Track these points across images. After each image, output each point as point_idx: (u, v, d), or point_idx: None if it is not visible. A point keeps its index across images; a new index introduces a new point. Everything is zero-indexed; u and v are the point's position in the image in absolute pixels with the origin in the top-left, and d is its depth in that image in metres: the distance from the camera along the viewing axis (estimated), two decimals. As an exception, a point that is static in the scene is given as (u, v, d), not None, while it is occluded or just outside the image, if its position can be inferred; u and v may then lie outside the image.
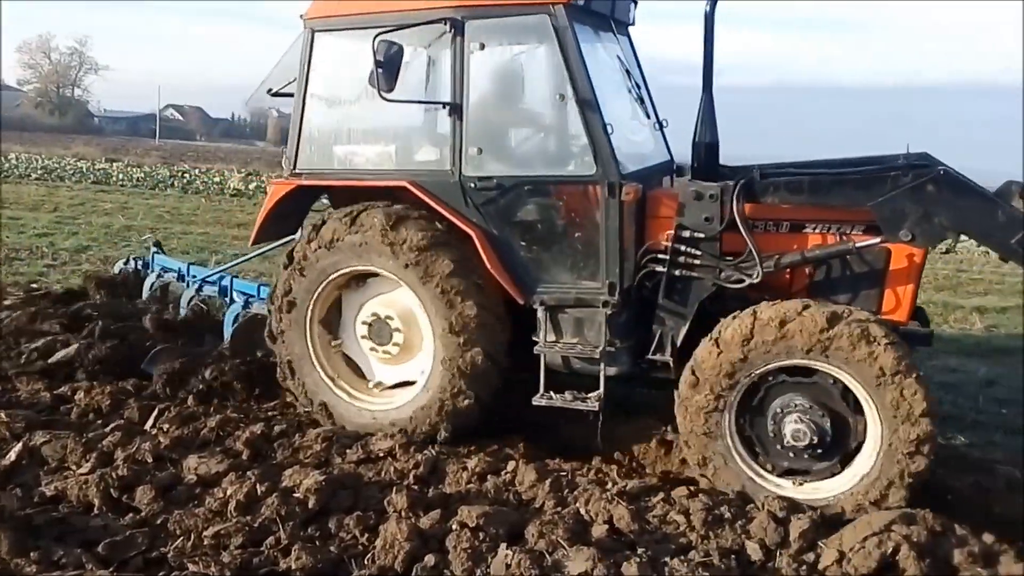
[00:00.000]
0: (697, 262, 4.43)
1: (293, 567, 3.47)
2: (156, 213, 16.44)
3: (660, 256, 4.46)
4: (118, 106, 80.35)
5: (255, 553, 3.60)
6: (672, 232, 4.44)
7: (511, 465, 4.49)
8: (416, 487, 4.26)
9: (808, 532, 3.78)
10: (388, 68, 4.30)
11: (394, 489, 4.07)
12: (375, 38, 4.28)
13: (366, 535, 3.76)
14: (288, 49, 5.39)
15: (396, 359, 4.98)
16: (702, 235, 4.40)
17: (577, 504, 4.06)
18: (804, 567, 3.62)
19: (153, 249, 8.08)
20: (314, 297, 4.96)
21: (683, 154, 5.07)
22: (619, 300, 4.48)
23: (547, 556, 3.50)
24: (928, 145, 4.76)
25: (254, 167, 30.18)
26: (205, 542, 3.68)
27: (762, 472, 4.27)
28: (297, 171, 5.04)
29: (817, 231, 4.46)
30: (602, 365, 4.51)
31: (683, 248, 4.42)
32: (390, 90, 4.36)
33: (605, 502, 4.00)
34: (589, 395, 4.55)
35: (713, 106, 4.65)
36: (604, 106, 4.48)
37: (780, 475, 4.27)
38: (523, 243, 4.68)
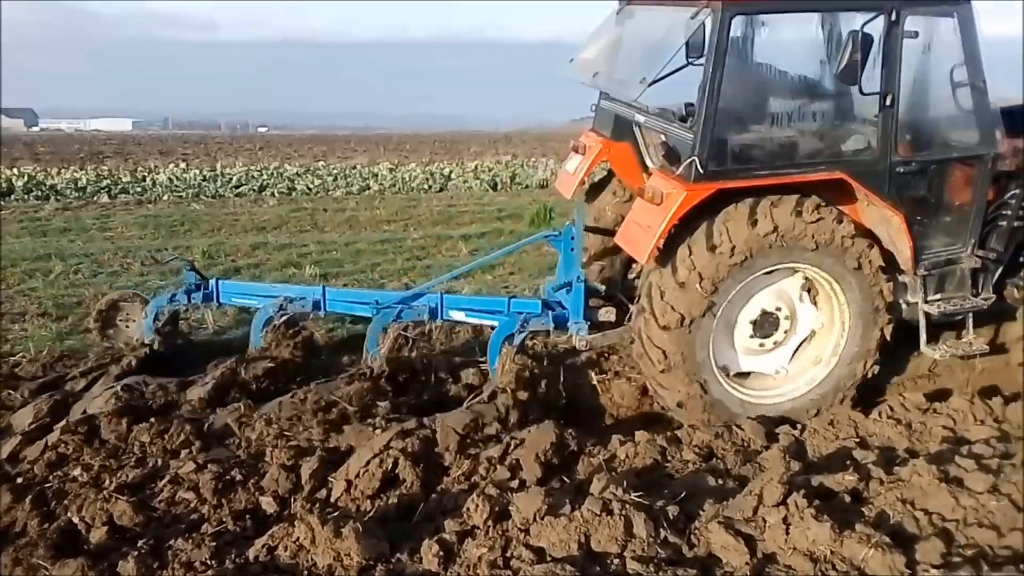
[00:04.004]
0: None
1: None
2: None
3: (1004, 212, 5.34)
4: None
5: None
6: (1020, 191, 5.30)
7: (-22, 493, 3.77)
8: None
9: (318, 471, 3.93)
10: (862, 60, 4.52)
11: None
12: (861, 28, 4.53)
13: None
14: (602, 25, 5.67)
15: (765, 350, 5.22)
16: None
17: (69, 514, 3.60)
18: (318, 504, 3.75)
19: (193, 276, 5.90)
20: (731, 295, 4.85)
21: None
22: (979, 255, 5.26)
23: (25, 585, 3.03)
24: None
25: None
26: None
27: None
28: (711, 172, 4.63)
29: None
30: (970, 313, 5.25)
31: None
32: (857, 83, 4.63)
33: (102, 502, 3.63)
34: (970, 340, 5.25)
35: None
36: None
37: None
38: (918, 217, 5.09)
